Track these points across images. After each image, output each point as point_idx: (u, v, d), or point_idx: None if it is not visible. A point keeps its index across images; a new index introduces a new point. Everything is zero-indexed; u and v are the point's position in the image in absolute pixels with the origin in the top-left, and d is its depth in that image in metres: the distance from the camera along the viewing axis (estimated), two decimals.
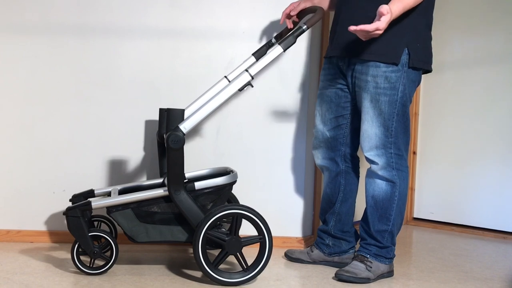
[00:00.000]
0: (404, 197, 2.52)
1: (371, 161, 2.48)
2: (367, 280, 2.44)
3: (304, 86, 2.97)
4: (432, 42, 2.52)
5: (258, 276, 2.37)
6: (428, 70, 2.52)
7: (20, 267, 2.46)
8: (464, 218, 3.76)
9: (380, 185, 2.48)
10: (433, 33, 2.54)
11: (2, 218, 2.89)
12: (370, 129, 2.44)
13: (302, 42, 2.94)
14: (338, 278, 2.44)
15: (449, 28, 3.78)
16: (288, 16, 2.71)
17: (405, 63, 2.39)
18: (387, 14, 2.18)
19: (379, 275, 2.49)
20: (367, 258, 2.49)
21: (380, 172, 2.47)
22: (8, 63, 2.88)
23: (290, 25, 2.73)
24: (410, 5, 2.31)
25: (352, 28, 2.19)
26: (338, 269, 2.50)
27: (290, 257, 2.75)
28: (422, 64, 2.45)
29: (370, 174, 2.51)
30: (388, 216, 2.49)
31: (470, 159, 3.73)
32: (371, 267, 2.46)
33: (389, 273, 2.55)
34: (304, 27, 2.41)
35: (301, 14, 2.70)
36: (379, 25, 2.18)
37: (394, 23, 2.35)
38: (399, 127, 2.44)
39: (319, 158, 2.68)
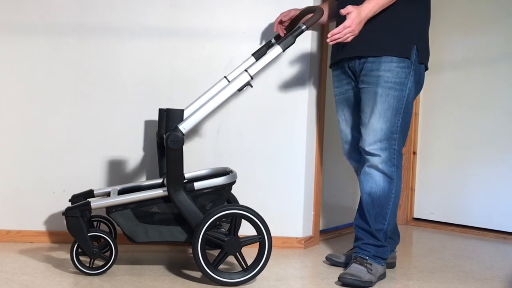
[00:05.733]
0: (399, 196, 2.51)
1: (372, 154, 2.46)
2: (370, 284, 2.39)
3: (304, 87, 2.97)
4: (432, 42, 2.56)
5: (258, 276, 2.37)
6: (426, 68, 2.56)
7: (20, 267, 2.46)
8: (464, 218, 3.75)
9: (378, 181, 2.46)
10: (433, 33, 2.57)
11: (2, 218, 2.89)
12: (377, 123, 2.44)
13: (302, 43, 2.94)
14: (342, 282, 2.37)
15: (449, 28, 3.78)
16: (281, 23, 2.74)
17: (414, 61, 2.44)
18: (347, 13, 2.30)
19: (378, 277, 2.46)
20: (366, 260, 2.46)
21: (380, 166, 2.45)
22: (8, 63, 2.88)
23: (282, 33, 2.76)
24: (384, 2, 2.37)
25: (328, 40, 2.33)
26: (341, 272, 2.47)
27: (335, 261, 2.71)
28: (426, 61, 2.52)
29: (368, 170, 2.49)
30: (384, 214, 2.47)
31: (470, 159, 3.72)
32: (371, 270, 2.43)
33: (383, 276, 2.52)
34: (304, 27, 2.41)
35: (296, 20, 2.72)
36: (345, 23, 2.31)
37: (401, 23, 2.43)
38: (403, 125, 2.46)
39: (355, 161, 2.69)
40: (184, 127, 2.28)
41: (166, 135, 2.26)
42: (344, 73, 2.60)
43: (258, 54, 2.73)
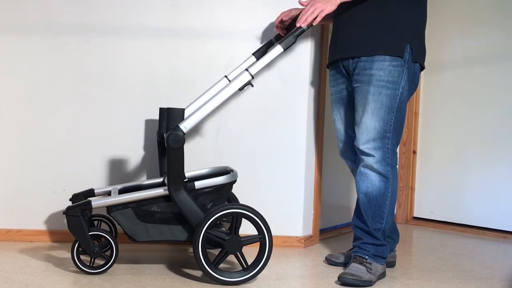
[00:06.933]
0: (395, 195, 2.51)
1: (366, 154, 2.46)
2: (369, 283, 2.39)
3: (304, 87, 2.97)
4: (432, 42, 2.55)
5: (258, 276, 2.37)
6: (423, 67, 2.56)
7: (20, 266, 2.46)
8: (464, 217, 3.76)
9: (374, 181, 2.46)
10: (433, 32, 2.56)
11: (2, 218, 2.89)
12: (370, 122, 2.44)
13: (303, 42, 2.94)
14: (342, 281, 2.36)
15: (449, 28, 3.78)
16: (282, 22, 2.74)
17: (407, 60, 2.43)
18: None
19: (377, 277, 2.46)
20: (366, 259, 2.45)
21: (375, 166, 2.45)
22: (8, 63, 2.88)
23: (282, 33, 2.76)
24: None
25: (298, 25, 2.40)
26: (341, 272, 2.47)
27: (334, 261, 2.71)
28: (421, 60, 2.51)
29: (363, 170, 2.49)
30: (382, 214, 2.47)
31: (470, 158, 3.73)
32: (371, 269, 2.42)
33: (383, 275, 2.52)
34: (304, 26, 2.42)
35: (295, 21, 2.72)
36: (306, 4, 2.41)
37: (395, 22, 2.42)
38: (396, 123, 2.46)
39: (350, 160, 2.69)
40: (185, 126, 2.28)
41: (167, 134, 2.26)
42: (339, 72, 2.61)
43: (259, 54, 2.73)
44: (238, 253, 2.31)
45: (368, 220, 2.48)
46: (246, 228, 2.55)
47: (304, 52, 2.97)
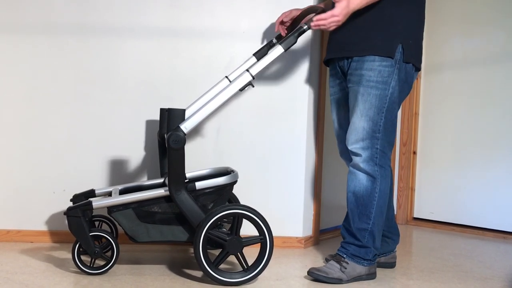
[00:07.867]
0: (385, 196, 2.49)
1: (354, 154, 2.47)
2: (338, 281, 2.41)
3: (304, 87, 2.98)
4: (432, 42, 2.53)
5: (259, 276, 2.37)
6: (418, 68, 2.54)
7: (20, 267, 2.46)
8: (464, 218, 3.76)
9: (361, 180, 2.46)
10: (433, 33, 2.54)
11: (2, 218, 2.89)
12: (358, 122, 2.44)
13: (303, 42, 2.94)
14: (309, 275, 2.43)
15: (449, 28, 3.78)
16: (283, 23, 2.74)
17: (398, 60, 2.42)
18: (339, 1, 2.33)
19: (355, 277, 2.45)
20: (344, 258, 2.46)
21: (362, 165, 2.45)
22: (8, 63, 2.88)
23: (283, 33, 2.75)
24: None
25: (312, 24, 2.36)
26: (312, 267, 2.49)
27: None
28: (414, 60, 2.49)
29: (352, 169, 2.50)
30: (368, 214, 2.46)
31: (470, 158, 3.73)
32: (345, 268, 2.43)
33: (369, 276, 2.50)
34: (305, 27, 2.42)
35: (297, 20, 2.72)
36: (334, 12, 2.33)
37: (387, 22, 2.42)
38: (387, 124, 2.45)
39: (348, 160, 2.67)
40: (185, 126, 2.28)
41: (168, 135, 2.26)
42: (336, 74, 2.62)
43: (260, 54, 2.72)
44: (238, 253, 2.31)
45: (354, 220, 2.48)
46: (247, 229, 2.55)
47: (305, 52, 2.97)
